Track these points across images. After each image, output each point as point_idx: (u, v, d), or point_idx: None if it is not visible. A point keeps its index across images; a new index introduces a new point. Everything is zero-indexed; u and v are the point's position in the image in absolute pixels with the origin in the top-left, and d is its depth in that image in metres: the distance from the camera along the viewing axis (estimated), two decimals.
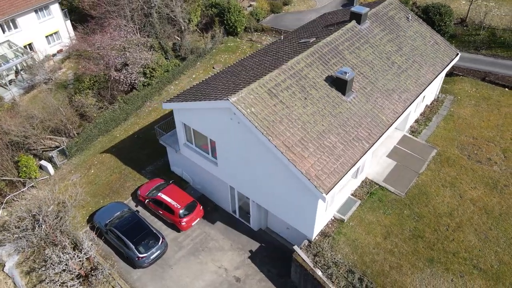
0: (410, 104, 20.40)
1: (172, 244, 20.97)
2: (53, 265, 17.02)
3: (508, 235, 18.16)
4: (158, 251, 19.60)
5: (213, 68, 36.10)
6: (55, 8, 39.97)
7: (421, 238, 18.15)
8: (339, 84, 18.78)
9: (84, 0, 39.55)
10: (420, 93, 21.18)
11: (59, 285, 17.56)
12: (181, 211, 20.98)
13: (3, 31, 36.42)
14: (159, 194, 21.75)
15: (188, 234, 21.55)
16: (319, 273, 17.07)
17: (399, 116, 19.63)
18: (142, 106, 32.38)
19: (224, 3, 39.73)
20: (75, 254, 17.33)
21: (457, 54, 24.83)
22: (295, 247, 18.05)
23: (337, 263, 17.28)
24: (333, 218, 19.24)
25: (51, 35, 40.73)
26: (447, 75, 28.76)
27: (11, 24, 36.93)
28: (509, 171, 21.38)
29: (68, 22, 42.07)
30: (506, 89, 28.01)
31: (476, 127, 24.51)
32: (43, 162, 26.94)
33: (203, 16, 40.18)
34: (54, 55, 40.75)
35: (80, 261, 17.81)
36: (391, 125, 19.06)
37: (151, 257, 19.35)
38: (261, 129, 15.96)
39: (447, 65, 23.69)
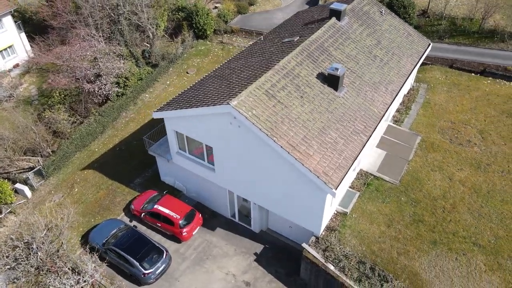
0: (397, 95, 21.18)
1: (174, 256, 20.43)
2: None
3: (499, 211, 19.34)
4: (163, 265, 19.03)
5: (187, 73, 35.54)
6: (8, 20, 37.46)
7: (422, 222, 18.91)
8: (331, 80, 19.13)
9: (42, 11, 37.42)
10: (404, 83, 22.05)
11: None
12: (181, 222, 20.49)
13: None
14: (155, 206, 21.10)
15: (189, 244, 21.09)
16: (332, 267, 17.32)
17: (389, 107, 20.32)
18: (118, 117, 31.25)
19: (190, 7, 39.17)
20: (79, 279, 16.41)
21: (429, 44, 26.07)
22: (304, 245, 18.20)
23: (347, 256, 17.62)
24: (336, 212, 19.58)
25: (5, 49, 38.17)
26: None
27: None
28: (489, 151, 22.77)
29: (23, 34, 39.61)
30: (473, 74, 29.80)
31: (452, 111, 25.88)
32: (18, 185, 25.32)
33: (170, 21, 39.35)
34: (10, 70, 38.26)
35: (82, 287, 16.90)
36: (383, 116, 19.69)
37: (157, 272, 18.76)
38: (265, 131, 15.93)
39: (423, 55, 24.83)
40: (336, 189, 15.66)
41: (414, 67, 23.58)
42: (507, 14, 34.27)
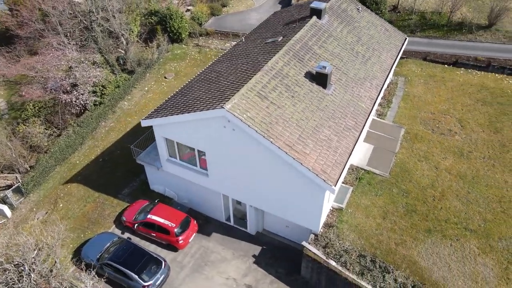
0: (382, 89, 21.68)
1: (172, 265, 20.03)
2: None
3: (484, 195, 20.19)
4: (163, 276, 18.62)
5: (165, 78, 34.94)
6: None
7: (415, 212, 19.46)
8: (319, 79, 19.33)
9: (5, 20, 35.73)
10: (387, 78, 22.60)
11: None
12: (176, 230, 20.12)
13: None
14: (149, 216, 20.60)
15: (186, 252, 20.75)
16: (333, 263, 17.51)
17: (375, 102, 20.76)
18: (97, 127, 30.32)
19: (163, 10, 38.51)
20: None
21: (406, 38, 26.86)
22: (304, 243, 18.30)
23: (348, 250, 17.87)
24: (331, 208, 19.81)
25: None
26: None
27: None
28: (469, 138, 23.73)
29: None
30: (446, 65, 30.96)
31: (431, 102, 26.78)
32: None
33: (143, 26, 38.53)
34: None
35: None
36: (371, 111, 20.11)
37: (157, 283, 18.33)
38: (261, 133, 15.90)
39: (401, 49, 25.54)
40: (336, 185, 15.85)
41: (394, 61, 24.23)
42: (473, 7, 35.83)
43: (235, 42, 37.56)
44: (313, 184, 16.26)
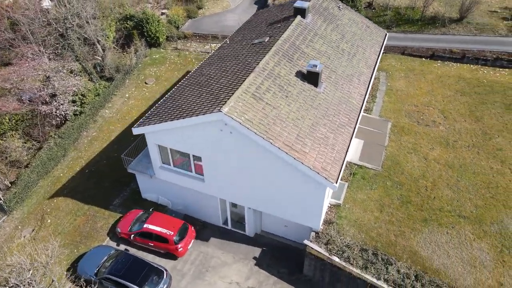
0: (369, 85, 22.08)
1: (173, 273, 19.64)
2: None
3: (473, 182, 20.95)
4: (165, 286, 18.24)
5: (146, 83, 34.23)
6: None
7: (410, 203, 19.94)
8: (311, 77, 19.48)
9: None
10: (373, 73, 23.04)
11: None
12: (175, 238, 19.76)
13: None
14: (145, 226, 20.13)
15: (185, 259, 20.41)
16: (337, 259, 17.70)
17: (365, 98, 21.13)
18: (79, 137, 29.34)
19: (139, 15, 37.72)
20: None
21: (386, 34, 27.48)
22: (306, 242, 18.40)
23: (349, 246, 18.10)
24: (329, 205, 20.00)
25: None
26: None
27: None
28: (452, 128, 24.56)
29: None
30: (423, 59, 31.90)
31: (413, 95, 27.54)
32: None
33: (119, 31, 37.61)
34: None
35: None
36: (362, 107, 20.44)
37: None
38: (260, 134, 15.85)
39: (382, 45, 26.11)
40: (337, 182, 16.01)
41: (378, 56, 24.74)
42: (444, 1, 37.07)
43: (215, 44, 37.44)
44: (313, 182, 16.36)
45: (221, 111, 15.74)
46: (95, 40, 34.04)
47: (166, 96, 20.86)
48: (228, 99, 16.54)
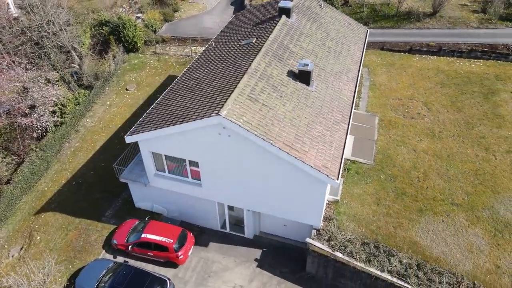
0: (357, 81, 22.45)
1: (175, 282, 19.29)
2: None
3: (461, 170, 21.70)
4: None
5: (127, 89, 33.48)
6: None
7: (404, 194, 20.43)
8: (302, 76, 19.60)
9: None
10: (359, 69, 23.45)
11: None
12: (175, 245, 19.42)
13: None
14: (143, 235, 19.67)
15: (186, 267, 20.10)
16: (340, 255, 17.89)
17: (355, 94, 21.47)
18: (61, 149, 28.35)
19: (115, 20, 36.83)
20: None
21: (367, 30, 28.03)
22: (308, 240, 18.50)
23: (351, 240, 18.35)
24: (327, 202, 20.20)
25: None
26: None
27: None
28: (437, 119, 25.35)
29: None
30: (402, 53, 32.77)
31: (396, 89, 28.24)
32: None
33: (95, 37, 36.59)
34: None
35: None
36: (353, 103, 20.76)
37: None
38: (261, 136, 15.81)
39: (365, 41, 26.61)
40: (338, 179, 16.19)
41: (362, 53, 25.19)
42: None
43: (195, 47, 37.08)
44: (314, 180, 16.47)
45: (220, 115, 15.59)
46: (70, 48, 33.02)
47: (156, 102, 20.47)
48: (225, 102, 16.41)
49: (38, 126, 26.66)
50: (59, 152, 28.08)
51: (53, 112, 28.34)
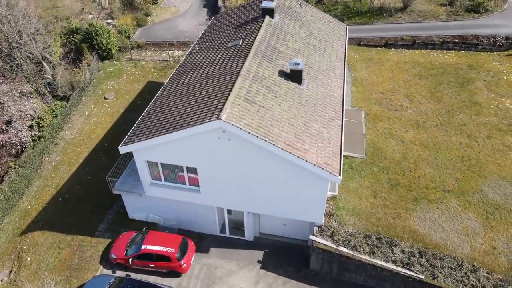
0: (344, 77, 22.84)
1: None
2: None
3: (448, 157, 22.55)
4: None
5: (105, 98, 32.47)
6: None
7: (398, 185, 20.99)
8: (294, 76, 19.72)
9: None
10: (345, 65, 23.86)
11: None
12: (177, 255, 19.04)
13: None
14: (143, 247, 19.15)
15: (189, 275, 19.75)
16: (344, 249, 18.16)
17: (344, 90, 21.83)
18: (41, 164, 27.14)
19: (86, 27, 35.62)
20: None
21: (346, 27, 28.56)
22: (312, 237, 18.64)
23: (353, 234, 18.67)
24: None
25: None
26: None
27: None
28: (419, 110, 26.22)
29: None
30: (378, 48, 33.64)
31: (377, 83, 28.96)
32: None
33: (64, 46, 35.23)
34: None
35: None
36: (343, 99, 21.11)
37: None
38: (262, 137, 15.78)
39: (346, 38, 27.11)
40: (340, 175, 16.41)
41: (345, 49, 25.65)
42: None
43: (172, 51, 36.47)
44: (316, 177, 16.61)
45: (220, 119, 15.42)
46: (41, 58, 31.66)
47: (147, 109, 19.98)
48: (223, 105, 16.25)
49: (17, 142, 25.39)
50: (39, 168, 26.86)
51: (30, 126, 27.09)
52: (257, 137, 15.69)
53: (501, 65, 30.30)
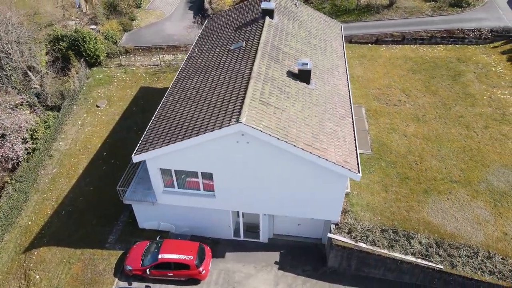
0: (347, 75, 23.09)
1: None
2: None
3: (451, 149, 23.17)
4: None
5: (98, 106, 31.62)
6: None
7: (408, 178, 21.41)
8: (302, 76, 19.77)
9: None
10: (346, 63, 24.13)
11: None
12: (196, 262, 18.76)
13: None
14: (160, 256, 18.77)
15: (208, 281, 19.51)
16: (363, 245, 18.37)
17: (349, 87, 22.08)
18: (37, 177, 26.16)
19: (72, 33, 34.54)
20: None
21: (341, 25, 28.88)
22: (330, 235, 18.79)
23: (370, 229, 18.91)
24: None
25: None
26: None
27: None
28: (417, 104, 26.83)
29: None
30: (370, 44, 34.19)
31: (373, 80, 29.44)
32: None
33: (52, 54, 34.09)
34: None
35: None
36: (350, 96, 21.34)
37: None
38: (283, 139, 15.76)
39: (343, 36, 27.41)
40: (359, 172, 16.59)
41: (343, 47, 25.94)
42: None
43: (162, 56, 35.89)
44: (336, 176, 16.74)
45: (241, 122, 15.29)
46: (26, 68, 30.53)
47: (155, 116, 19.59)
48: (240, 108, 16.13)
49: (12, 156, 24.37)
50: (35, 182, 25.89)
51: (24, 139, 26.07)
52: (278, 139, 15.65)
53: (488, 57, 31.40)
